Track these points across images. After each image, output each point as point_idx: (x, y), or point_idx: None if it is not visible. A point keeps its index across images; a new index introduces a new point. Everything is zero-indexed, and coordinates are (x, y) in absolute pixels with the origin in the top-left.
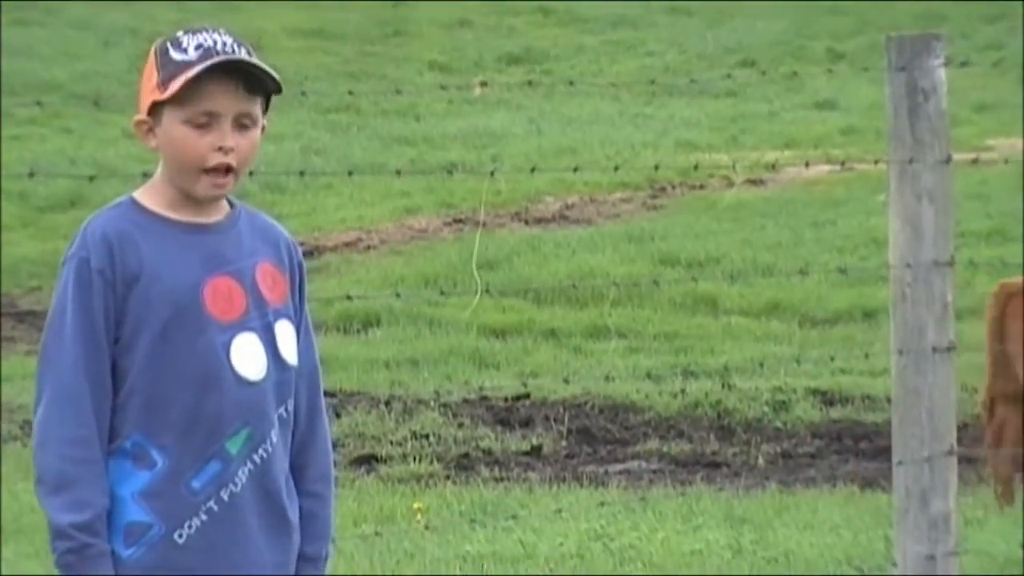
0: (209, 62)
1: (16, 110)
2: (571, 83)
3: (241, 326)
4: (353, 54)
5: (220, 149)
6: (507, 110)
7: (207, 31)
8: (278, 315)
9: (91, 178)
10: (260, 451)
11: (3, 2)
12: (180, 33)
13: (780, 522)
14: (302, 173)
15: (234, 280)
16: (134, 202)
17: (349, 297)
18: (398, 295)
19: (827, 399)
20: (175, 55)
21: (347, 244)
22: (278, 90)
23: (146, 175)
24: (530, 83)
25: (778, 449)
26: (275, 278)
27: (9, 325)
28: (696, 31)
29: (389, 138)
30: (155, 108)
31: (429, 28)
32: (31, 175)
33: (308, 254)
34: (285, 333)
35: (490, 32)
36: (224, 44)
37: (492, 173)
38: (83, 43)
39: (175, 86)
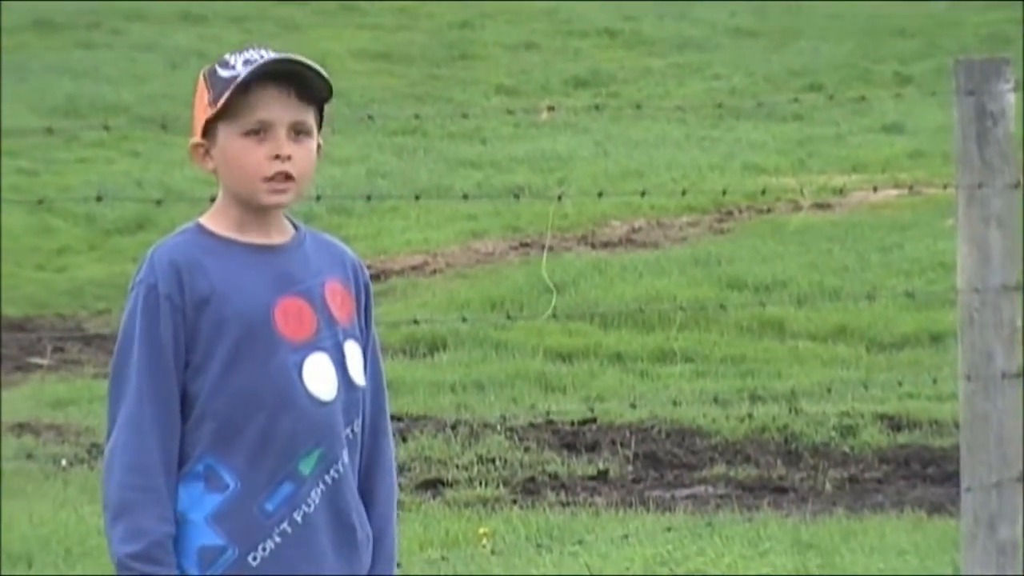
0: (255, 66)
1: (83, 133)
2: (638, 106)
3: (312, 346)
4: (419, 77)
5: (277, 157)
6: (573, 133)
7: (254, 48)
8: (347, 335)
9: (158, 201)
10: (332, 471)
11: (68, 26)
12: (227, 54)
13: (847, 548)
14: (369, 197)
15: (304, 300)
16: (200, 227)
17: (416, 321)
18: (464, 319)
19: (894, 424)
20: (223, 73)
21: (413, 267)
22: (329, 94)
23: (213, 199)
24: (597, 106)
25: (845, 474)
26: (343, 297)
27: (76, 348)
28: (762, 54)
29: (455, 161)
30: (209, 128)
31: (495, 51)
32: (99, 199)
33: (375, 277)
34: (353, 353)
35: (556, 55)
36: (271, 56)
37: (559, 197)
38: (149, 65)
39: (225, 97)
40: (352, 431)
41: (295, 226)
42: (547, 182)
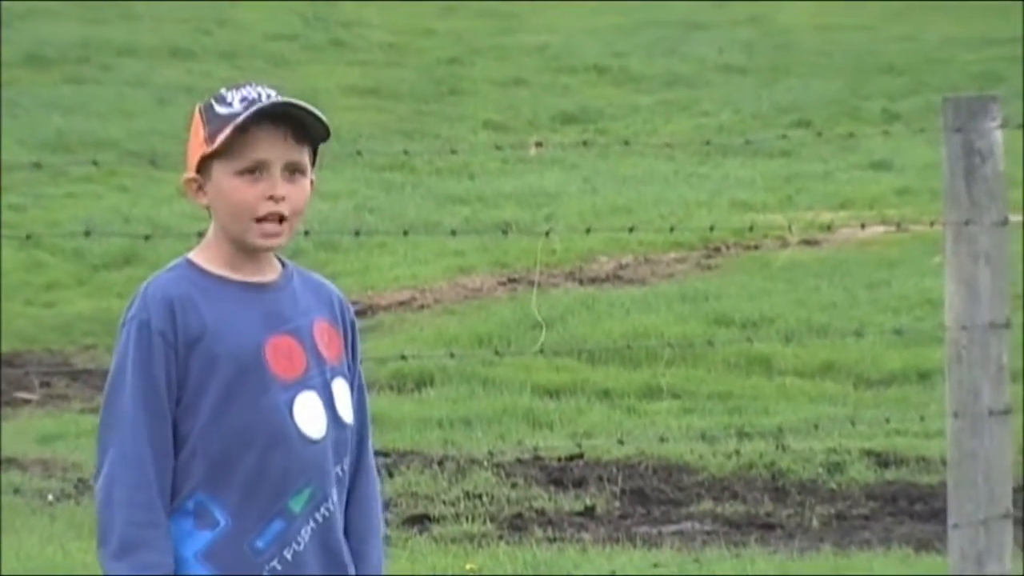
0: (257, 107)
1: (72, 168)
2: (626, 142)
3: (302, 384)
4: (408, 112)
5: (271, 198)
6: (561, 169)
7: (251, 85)
8: (334, 373)
9: (147, 237)
10: (323, 509)
11: (58, 61)
12: (223, 89)
13: None
14: (357, 233)
15: (293, 339)
16: (190, 263)
17: (403, 356)
18: (452, 354)
19: (882, 461)
20: (220, 109)
21: (401, 303)
22: (326, 136)
23: (201, 234)
24: (585, 143)
25: (832, 511)
26: (331, 336)
27: (63, 383)
28: (750, 91)
29: (443, 197)
30: (204, 164)
31: (484, 87)
32: (87, 233)
33: (362, 313)
34: (341, 391)
35: (545, 91)
36: (268, 95)
37: (547, 233)
38: (138, 101)
39: (223, 136)
40: (342, 469)
41: (282, 263)
42: (535, 218)
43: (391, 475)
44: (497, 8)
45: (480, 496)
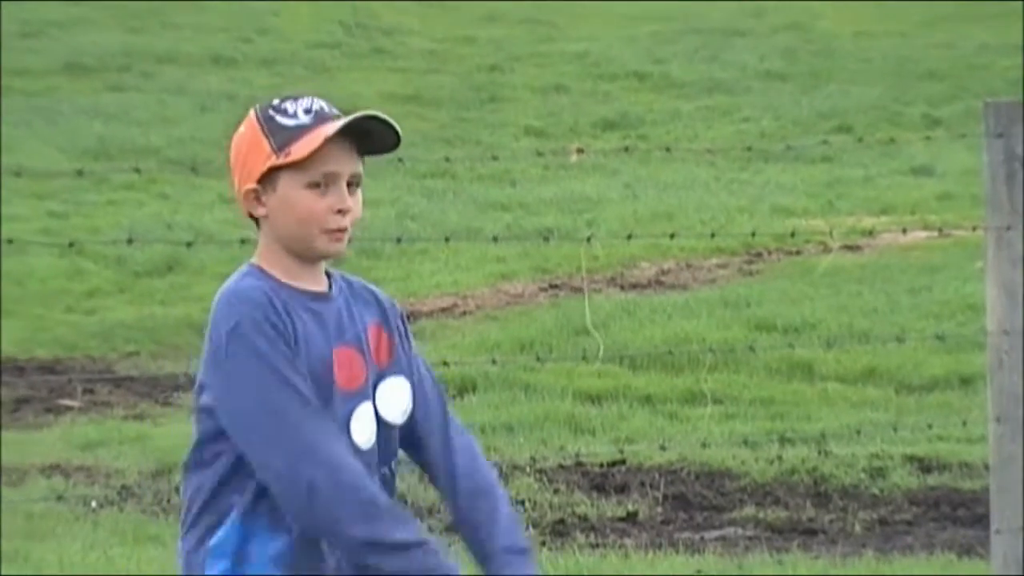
0: (348, 119)
1: (113, 175)
2: (667, 149)
3: (361, 395)
4: (449, 120)
5: (339, 212)
6: (603, 175)
7: (304, 97)
8: (382, 376)
9: (189, 244)
10: None
11: (98, 69)
12: (277, 100)
13: None
14: (399, 240)
15: (354, 348)
16: (263, 271)
17: (445, 363)
18: (494, 361)
19: (924, 466)
20: (285, 120)
21: (443, 309)
22: (391, 148)
23: (244, 240)
24: (626, 149)
25: (875, 516)
26: (380, 337)
27: (106, 390)
28: (791, 97)
29: (485, 203)
30: (268, 175)
31: (524, 93)
32: (130, 241)
33: None
34: (388, 393)
35: (585, 97)
36: (328, 108)
37: (588, 239)
38: (179, 108)
39: (302, 149)
40: (389, 469)
41: (326, 272)
42: (576, 224)
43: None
44: (537, 16)
45: (522, 502)
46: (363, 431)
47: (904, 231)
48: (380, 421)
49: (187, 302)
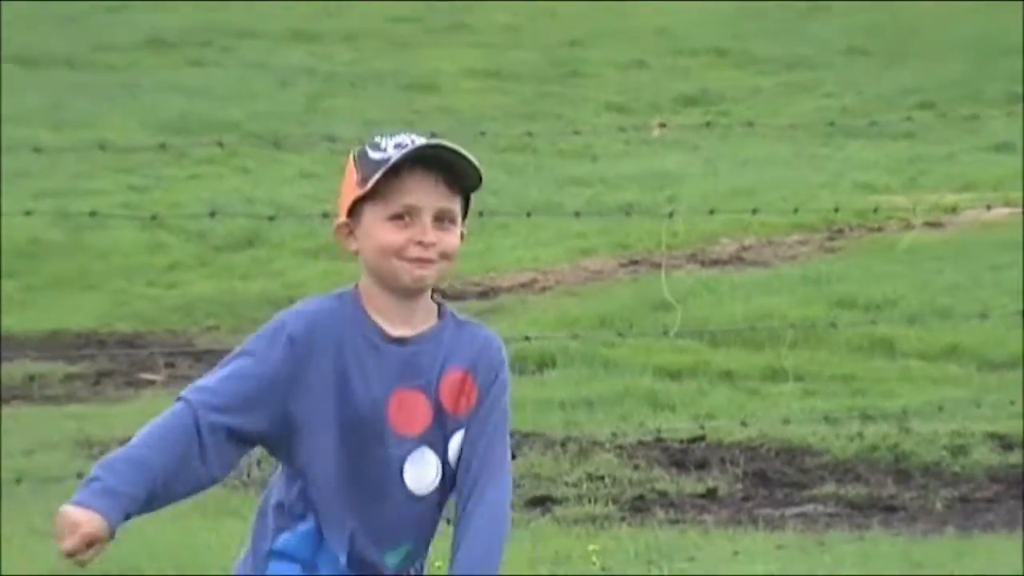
0: (407, 150)
1: (194, 150)
2: (749, 124)
3: (421, 440)
4: (529, 94)
5: (420, 244)
6: (683, 151)
7: (404, 133)
8: (457, 426)
9: (271, 218)
10: (416, 565)
11: (180, 44)
12: (377, 136)
13: (958, 567)
14: (480, 213)
15: (422, 393)
16: (357, 300)
17: (526, 338)
18: (574, 336)
19: (1006, 443)
20: (373, 155)
21: (523, 285)
22: (479, 183)
23: (325, 214)
24: (708, 124)
25: (956, 493)
26: (462, 386)
27: (187, 364)
28: (873, 72)
29: (565, 179)
30: (355, 208)
31: (605, 69)
32: (212, 215)
33: (483, 295)
34: (456, 443)
35: (666, 73)
36: (417, 140)
37: (669, 215)
38: (259, 82)
39: (374, 179)
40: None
41: (441, 312)
42: (657, 200)
43: (514, 456)
44: None
45: (602, 478)
46: (421, 478)
47: (988, 207)
48: (448, 470)
49: (267, 276)
